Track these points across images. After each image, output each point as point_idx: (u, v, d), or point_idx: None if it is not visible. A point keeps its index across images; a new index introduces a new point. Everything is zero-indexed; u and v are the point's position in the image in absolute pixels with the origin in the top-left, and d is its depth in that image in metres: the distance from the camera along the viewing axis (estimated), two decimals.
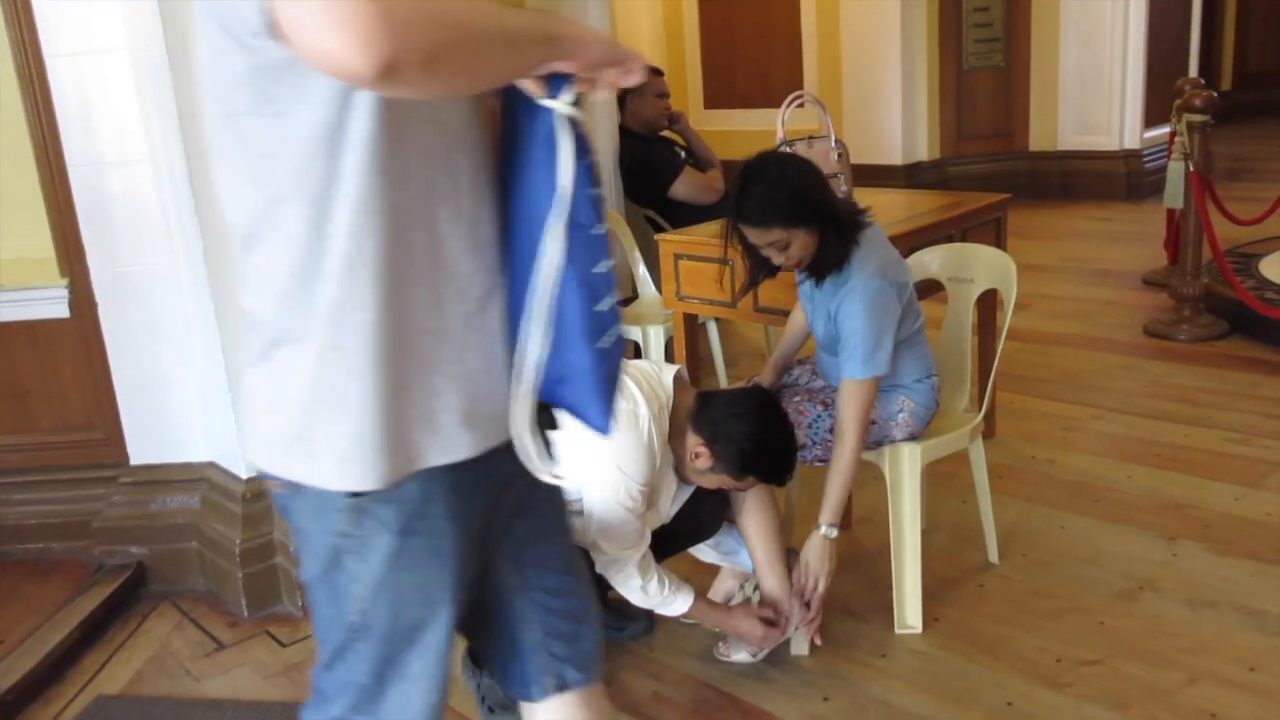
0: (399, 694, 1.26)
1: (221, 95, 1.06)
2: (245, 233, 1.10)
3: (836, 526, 2.37)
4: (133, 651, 2.67)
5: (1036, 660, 2.36)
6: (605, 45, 1.12)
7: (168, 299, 2.85)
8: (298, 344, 1.10)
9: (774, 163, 2.28)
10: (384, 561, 1.18)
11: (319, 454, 1.12)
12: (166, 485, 2.97)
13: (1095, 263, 5.75)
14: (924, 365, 2.49)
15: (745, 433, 2.14)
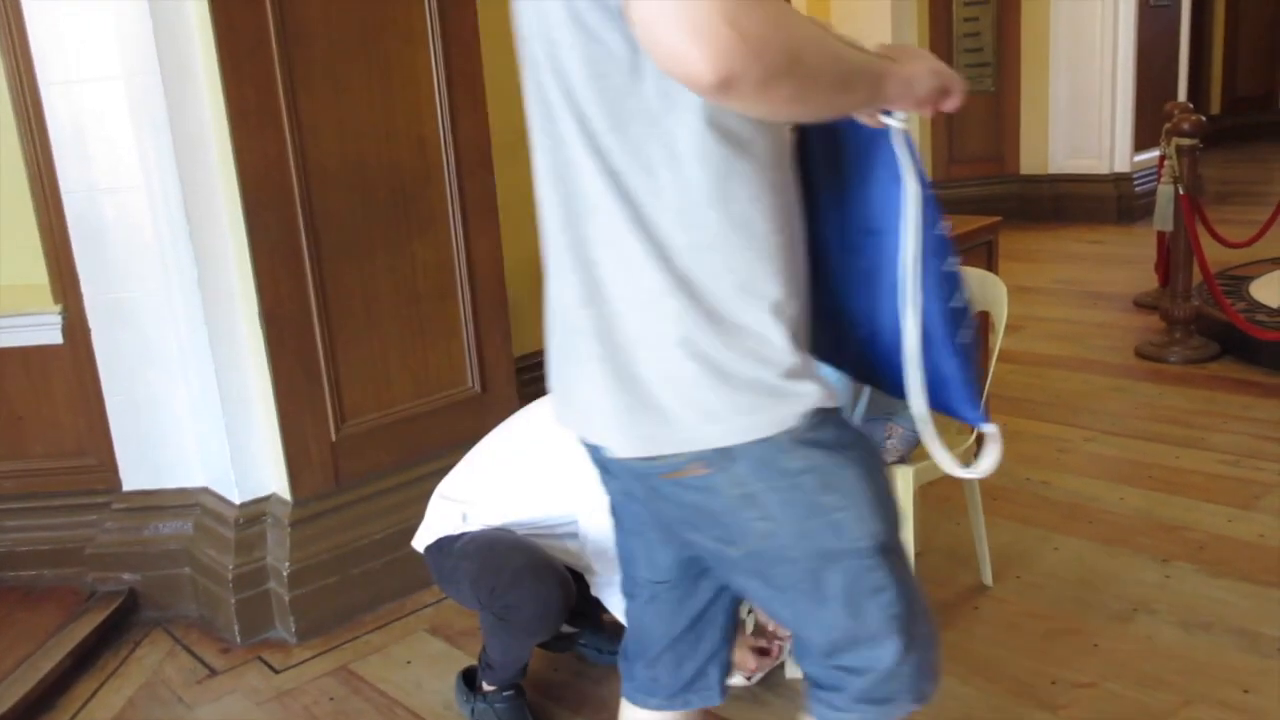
0: (920, 605, 1.28)
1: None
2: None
3: None
4: (124, 679, 2.66)
5: (1031, 683, 2.37)
6: (930, 80, 1.17)
7: (161, 325, 2.87)
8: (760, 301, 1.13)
9: None
10: (857, 476, 1.21)
11: (789, 395, 1.14)
12: (160, 511, 2.97)
13: (1087, 285, 5.79)
14: None
15: None
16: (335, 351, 2.81)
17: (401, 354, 2.95)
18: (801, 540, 1.21)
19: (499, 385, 3.17)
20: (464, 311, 3.07)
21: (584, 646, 2.59)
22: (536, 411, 2.36)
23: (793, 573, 1.24)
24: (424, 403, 3.02)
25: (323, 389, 2.80)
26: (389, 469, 2.96)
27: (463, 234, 3.02)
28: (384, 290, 2.89)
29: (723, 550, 1.26)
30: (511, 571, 2.13)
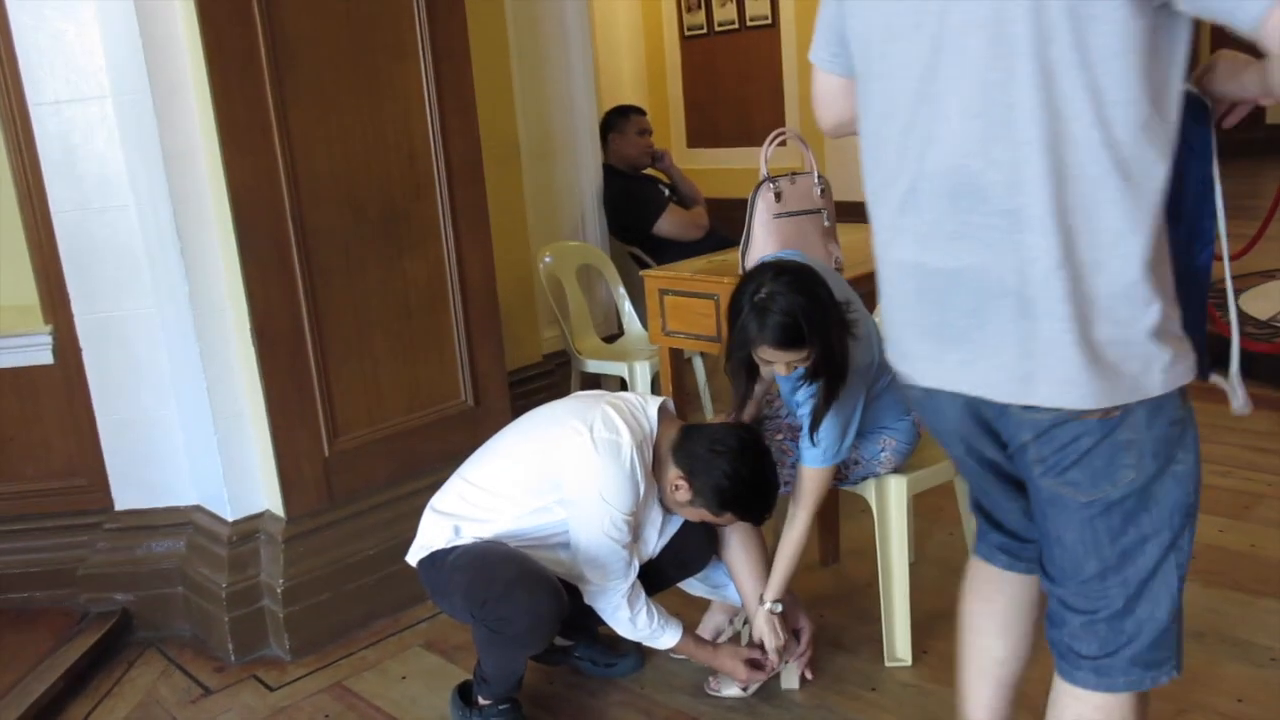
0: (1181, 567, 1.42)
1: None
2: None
3: (781, 601, 2.39)
4: (119, 700, 2.66)
5: (1028, 692, 2.34)
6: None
7: (153, 343, 2.87)
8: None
9: (793, 283, 2.12)
10: (1194, 441, 1.39)
11: (1189, 349, 1.32)
12: (152, 530, 2.97)
13: None
14: (902, 405, 2.50)
15: (724, 470, 2.16)
16: (327, 367, 2.81)
17: (394, 368, 2.96)
18: (1150, 487, 1.36)
19: (492, 398, 3.18)
20: (456, 324, 3.08)
21: (579, 659, 2.59)
22: (526, 424, 2.36)
23: (1124, 520, 1.37)
24: (417, 417, 3.03)
25: (315, 405, 2.80)
26: (382, 484, 2.97)
27: (454, 247, 3.04)
28: (376, 304, 2.90)
29: (1073, 494, 1.38)
30: (503, 583, 2.14)
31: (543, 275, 3.99)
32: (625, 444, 2.15)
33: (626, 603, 2.27)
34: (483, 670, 2.29)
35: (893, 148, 1.37)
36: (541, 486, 2.21)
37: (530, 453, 2.26)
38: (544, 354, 4.24)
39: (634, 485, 2.15)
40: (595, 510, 2.15)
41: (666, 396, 2.42)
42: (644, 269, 3.34)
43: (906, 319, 1.44)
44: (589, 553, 2.20)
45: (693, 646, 2.40)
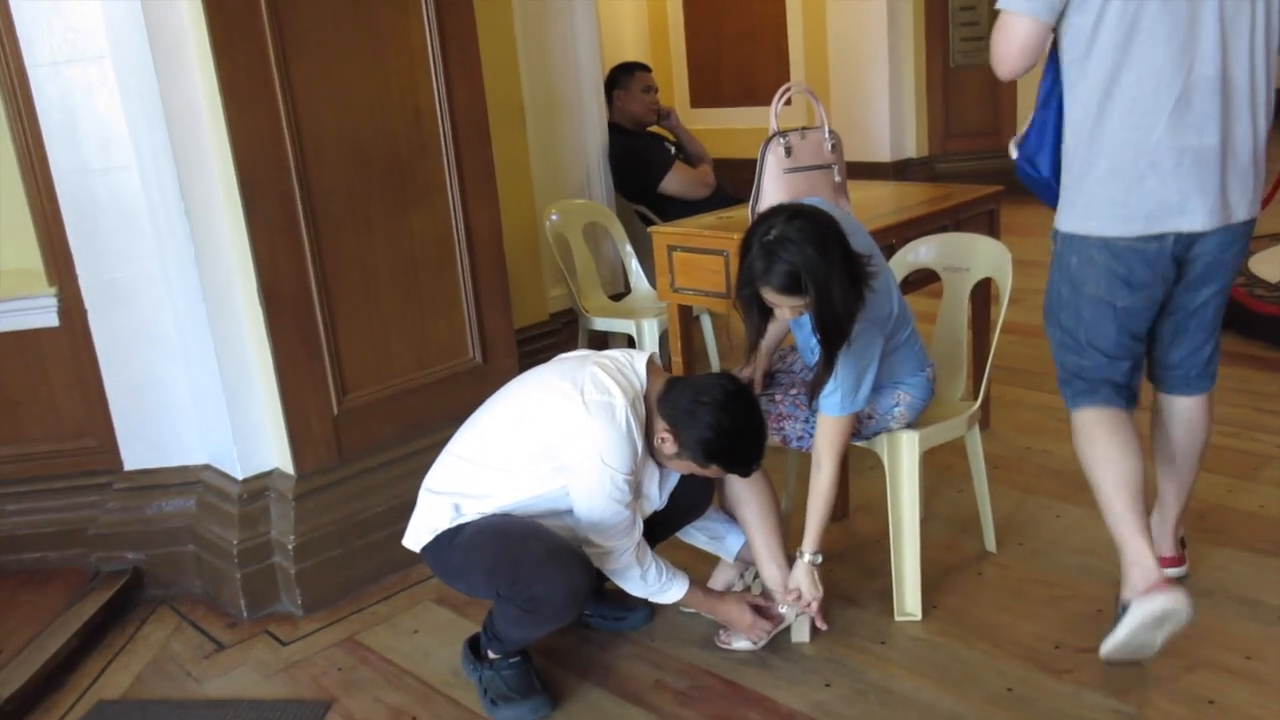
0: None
1: None
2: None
3: (820, 553, 2.41)
4: (132, 656, 2.68)
5: (1035, 647, 2.39)
6: None
7: (159, 304, 2.87)
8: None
9: (805, 230, 2.13)
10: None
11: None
12: (162, 490, 2.98)
13: None
14: (918, 360, 2.51)
15: (707, 421, 2.14)
16: (335, 325, 2.81)
17: (401, 326, 2.96)
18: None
19: (500, 356, 3.18)
20: (463, 282, 3.07)
21: (589, 616, 2.60)
22: (513, 392, 2.33)
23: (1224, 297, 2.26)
24: (425, 375, 3.03)
25: (323, 363, 2.80)
26: (391, 441, 2.98)
27: (461, 205, 3.02)
28: (383, 262, 2.89)
29: (1214, 290, 2.24)
30: (532, 561, 2.12)
31: (549, 233, 3.98)
32: (619, 404, 2.14)
33: (635, 561, 2.28)
34: (496, 629, 2.29)
35: (1168, 65, 1.99)
36: (537, 456, 2.20)
37: (521, 423, 2.23)
38: (551, 312, 4.23)
39: (631, 444, 2.15)
40: (597, 474, 2.14)
41: (653, 350, 2.41)
42: (651, 226, 3.33)
43: (1174, 186, 2.05)
44: (594, 517, 2.19)
45: (700, 597, 2.41)
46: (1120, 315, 2.20)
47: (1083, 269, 2.18)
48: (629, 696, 2.35)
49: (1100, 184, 2.09)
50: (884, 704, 2.24)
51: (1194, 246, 2.12)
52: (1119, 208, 2.08)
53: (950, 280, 2.88)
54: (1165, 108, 2.00)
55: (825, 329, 2.20)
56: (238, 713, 2.40)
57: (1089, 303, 2.20)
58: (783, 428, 2.54)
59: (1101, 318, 2.21)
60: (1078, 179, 2.13)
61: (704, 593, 2.44)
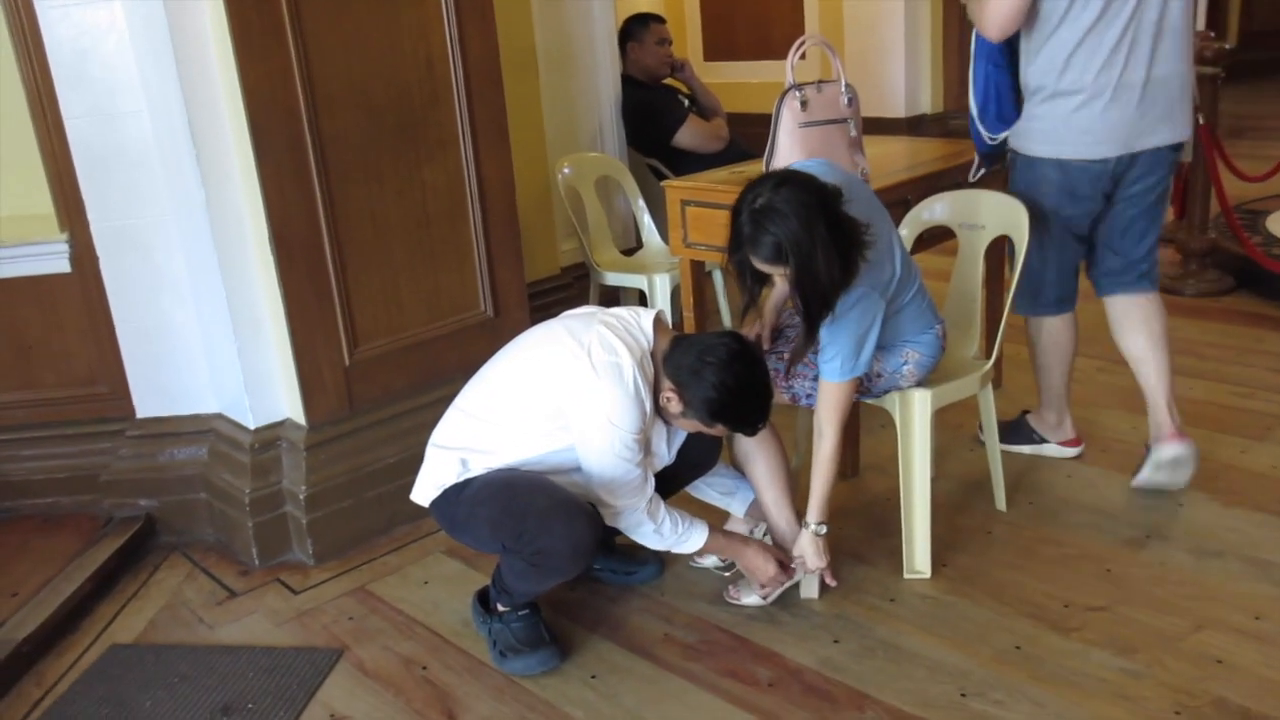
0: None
1: None
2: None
3: (825, 523, 2.40)
4: (145, 601, 2.70)
5: (1044, 605, 2.39)
6: None
7: (170, 250, 2.86)
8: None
9: (791, 200, 2.11)
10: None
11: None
12: (174, 437, 2.99)
13: None
14: (926, 318, 2.49)
15: (712, 380, 2.13)
16: (346, 275, 2.80)
17: (413, 277, 2.95)
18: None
19: (511, 309, 3.17)
20: (475, 234, 3.05)
21: (599, 570, 2.61)
22: (519, 350, 2.31)
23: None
24: (436, 327, 3.02)
25: (335, 313, 2.80)
26: (402, 393, 2.98)
27: (473, 156, 2.99)
28: (394, 213, 2.87)
29: (1154, 196, 2.72)
30: (537, 514, 2.12)
31: (561, 187, 3.95)
32: (626, 364, 2.12)
33: (649, 517, 2.27)
34: (505, 582, 2.30)
35: (1128, 14, 2.48)
36: (544, 414, 2.19)
37: (528, 381, 2.22)
38: (562, 266, 4.22)
39: (639, 404, 2.13)
40: (604, 434, 2.13)
41: (660, 309, 2.38)
42: (664, 180, 3.29)
43: (1130, 115, 2.55)
44: (604, 476, 2.18)
45: (722, 541, 2.40)
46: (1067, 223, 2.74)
47: (1036, 187, 2.70)
48: (638, 649, 2.36)
49: (1072, 115, 2.58)
50: (892, 660, 2.25)
51: (1136, 162, 2.63)
52: (1086, 135, 2.58)
53: (965, 237, 2.86)
54: (1124, 49, 2.50)
55: (806, 300, 2.18)
56: (250, 659, 2.42)
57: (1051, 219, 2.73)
58: (791, 385, 2.53)
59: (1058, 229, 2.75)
60: (1050, 112, 2.61)
61: (726, 537, 2.42)
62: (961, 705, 2.10)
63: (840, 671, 2.23)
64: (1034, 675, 2.17)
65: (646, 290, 3.78)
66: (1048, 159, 2.67)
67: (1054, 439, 3.07)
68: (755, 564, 2.41)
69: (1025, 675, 2.17)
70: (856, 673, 2.22)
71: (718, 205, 2.87)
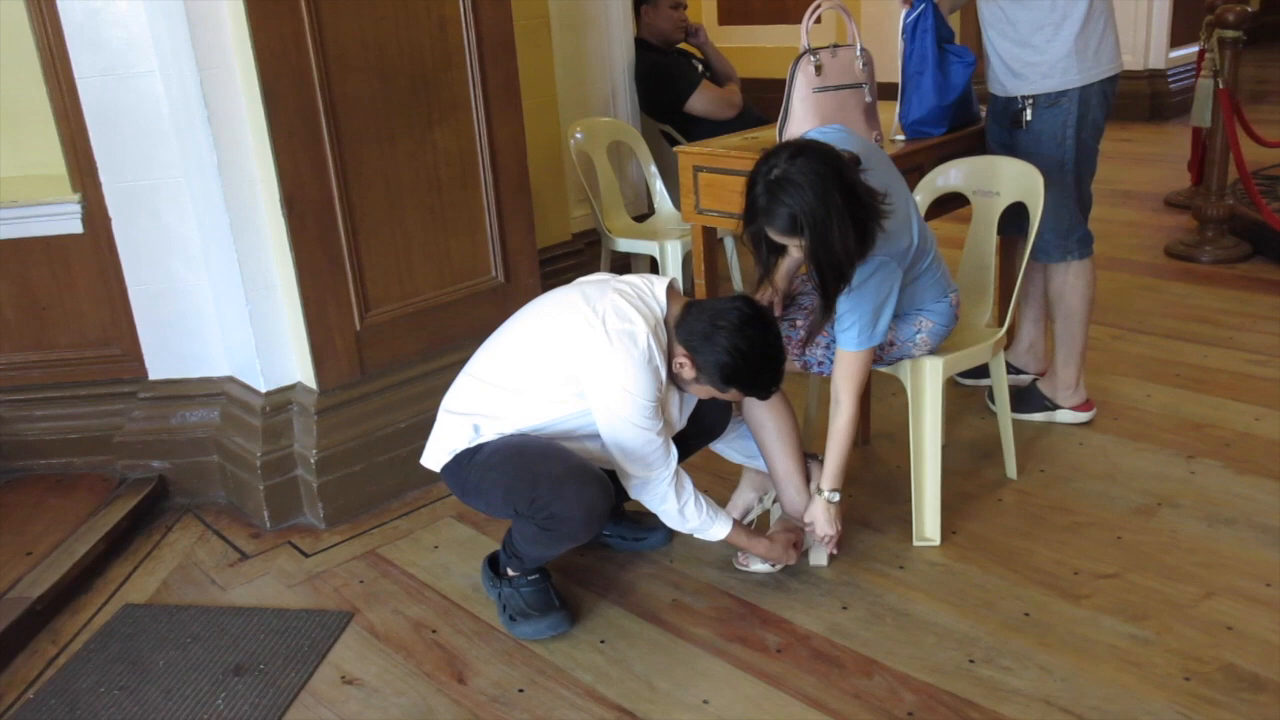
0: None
1: None
2: None
3: (839, 491, 2.39)
4: (158, 562, 2.72)
5: (1054, 573, 2.38)
6: None
7: (182, 212, 2.84)
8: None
9: (806, 170, 2.08)
10: None
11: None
12: (186, 400, 2.99)
13: (1117, 184, 5.68)
14: (941, 287, 2.47)
15: (725, 345, 2.11)
16: (358, 239, 2.78)
17: (424, 242, 2.93)
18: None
19: (522, 275, 3.15)
20: (487, 200, 3.03)
21: (607, 536, 2.61)
22: (532, 317, 2.29)
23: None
24: (447, 292, 3.01)
25: (346, 277, 2.78)
26: (413, 358, 2.97)
27: (485, 120, 2.97)
28: (405, 177, 2.85)
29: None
30: (551, 480, 2.11)
31: (573, 152, 3.92)
32: (640, 332, 2.10)
33: (674, 492, 2.25)
34: (515, 547, 2.29)
35: None
36: (557, 382, 2.18)
37: (541, 348, 2.20)
38: (574, 232, 4.19)
39: (655, 373, 2.12)
40: (621, 404, 2.12)
41: (674, 276, 2.37)
42: (677, 146, 3.26)
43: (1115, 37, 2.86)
44: (623, 446, 2.17)
45: (745, 538, 2.40)
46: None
47: (1081, 117, 2.81)
48: (647, 615, 2.36)
49: (1097, 40, 2.79)
50: (901, 627, 2.25)
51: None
52: (1111, 51, 2.83)
53: (979, 204, 2.83)
54: None
55: (822, 273, 2.16)
56: (262, 620, 2.43)
57: (1087, 148, 2.87)
58: (803, 353, 2.51)
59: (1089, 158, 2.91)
60: (1081, 44, 2.77)
61: (748, 534, 2.42)
62: (970, 671, 2.10)
63: (849, 638, 2.23)
64: (1043, 642, 2.16)
65: (658, 257, 3.76)
66: (1092, 83, 2.78)
67: (1067, 402, 3.06)
68: (773, 551, 2.43)
69: (1034, 642, 2.16)
70: (865, 639, 2.22)
71: (731, 171, 2.84)
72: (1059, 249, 2.90)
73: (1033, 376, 3.21)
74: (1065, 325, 2.99)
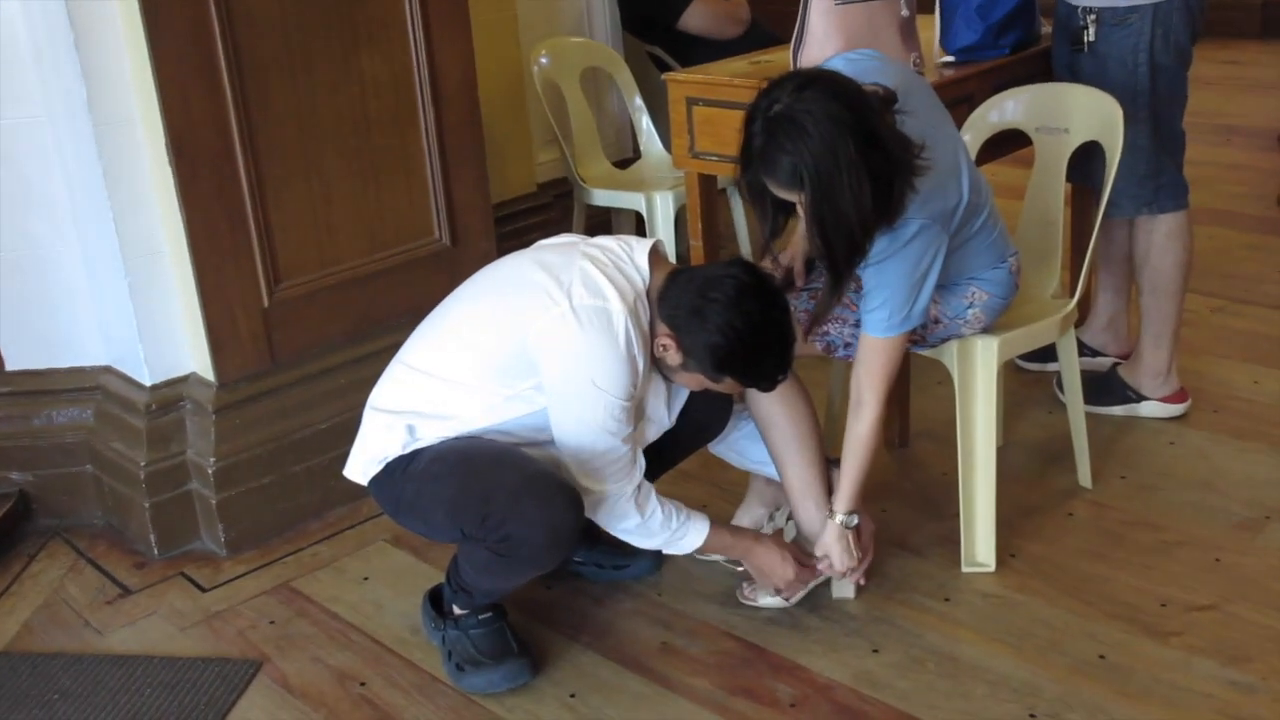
0: None
1: None
2: None
3: (857, 513, 2.39)
4: (18, 599, 2.71)
5: (1136, 604, 2.39)
6: None
7: (45, 163, 2.84)
8: None
9: (814, 108, 2.05)
10: None
11: None
12: (52, 396, 2.99)
13: (1220, 117, 5.70)
14: (997, 250, 2.47)
15: (716, 321, 2.09)
16: (265, 193, 2.78)
17: (350, 197, 2.94)
18: None
19: (473, 237, 3.16)
20: (428, 142, 3.04)
21: (580, 565, 2.62)
22: (482, 290, 2.29)
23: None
24: (379, 259, 3.02)
25: (250, 241, 2.78)
26: (337, 342, 2.98)
27: (424, 42, 2.97)
28: (326, 115, 2.85)
29: None
30: (506, 493, 2.10)
31: (537, 81, 3.93)
32: (616, 310, 2.09)
33: (635, 508, 2.25)
34: (463, 578, 2.30)
35: None
36: (512, 372, 2.17)
37: (492, 330, 2.19)
38: (539, 183, 4.22)
39: (631, 362, 2.11)
40: (586, 400, 2.11)
41: (657, 238, 2.34)
42: (666, 73, 3.26)
43: None
44: (582, 452, 2.17)
45: (727, 538, 2.39)
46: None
47: (1157, 38, 2.82)
48: (629, 662, 2.37)
49: None
50: (945, 674, 2.25)
51: None
52: None
53: (1044, 145, 2.84)
54: None
55: (826, 241, 2.12)
56: (147, 671, 2.42)
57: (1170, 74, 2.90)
58: (826, 331, 2.51)
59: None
60: None
61: (731, 534, 2.42)
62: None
63: (880, 688, 2.23)
64: (1122, 690, 2.17)
65: (645, 212, 3.78)
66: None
67: (1155, 394, 3.07)
68: (768, 565, 2.41)
69: (1111, 690, 2.17)
70: (901, 690, 2.22)
71: (734, 105, 2.84)
72: (1136, 199, 2.91)
73: (1113, 360, 3.22)
74: (1153, 296, 2.99)
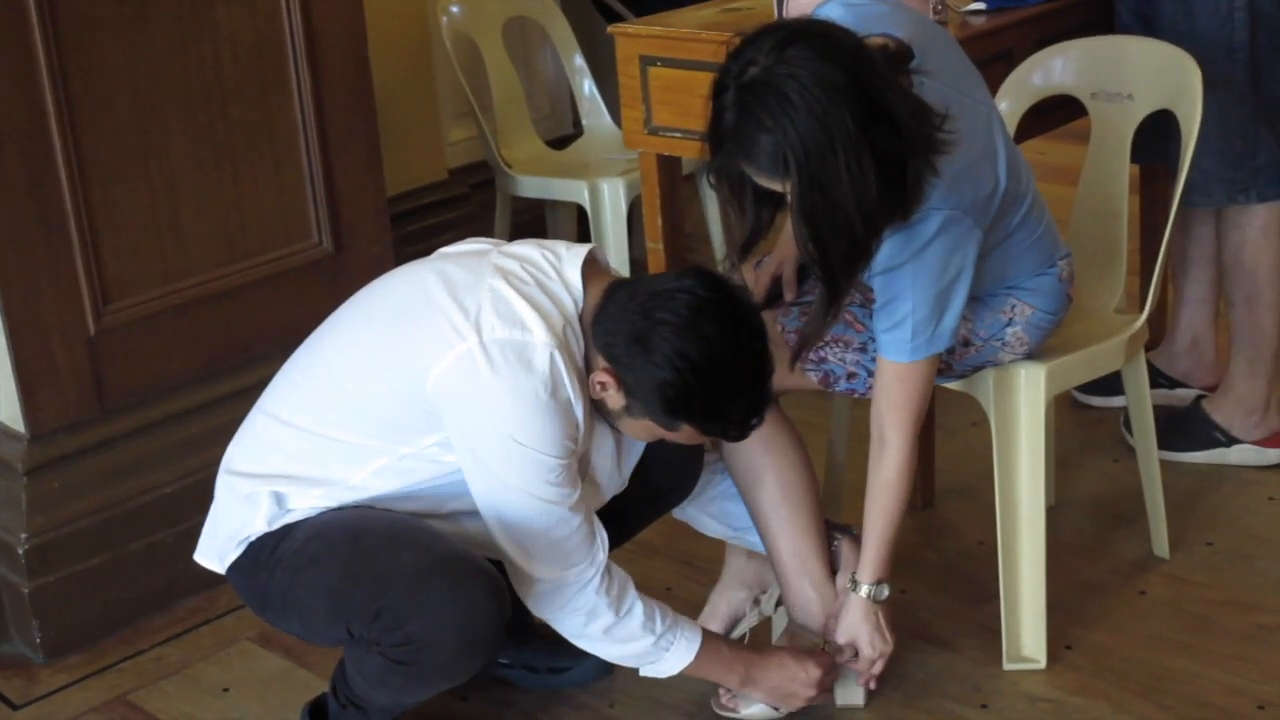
0: None
1: None
2: None
3: (887, 583, 2.41)
4: None
5: (1227, 707, 2.42)
6: None
7: None
8: None
9: (799, 72, 2.04)
10: None
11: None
12: None
13: None
14: (1043, 251, 2.50)
15: (664, 351, 2.05)
16: (89, 186, 2.80)
17: (201, 189, 2.95)
18: None
19: (362, 240, 3.19)
20: (303, 117, 3.07)
21: (507, 668, 2.62)
22: (364, 315, 2.28)
23: None
24: (240, 271, 3.03)
25: (71, 248, 2.79)
26: (185, 380, 2.99)
27: None
28: (170, 83, 2.87)
29: None
30: (406, 580, 2.09)
31: (447, 37, 3.96)
32: (539, 343, 2.05)
33: (607, 602, 2.22)
34: (353, 690, 2.29)
35: None
36: (407, 425, 2.16)
37: (381, 370, 2.16)
38: (451, 168, 4.20)
39: (563, 410, 2.09)
40: (511, 462, 2.09)
41: (592, 244, 2.32)
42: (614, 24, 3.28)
43: None
44: (515, 533, 2.15)
45: (725, 654, 2.38)
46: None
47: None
48: None
49: None
50: None
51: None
52: None
53: (1102, 114, 2.87)
54: None
55: (819, 242, 2.11)
56: None
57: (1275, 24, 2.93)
58: (823, 358, 2.53)
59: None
60: None
61: (732, 650, 2.41)
62: None
63: None
64: None
65: (588, 206, 3.79)
66: None
67: (1249, 435, 3.09)
68: (785, 684, 2.39)
69: None
70: None
71: (702, 65, 2.87)
72: (1226, 185, 2.94)
73: (1196, 393, 3.26)
74: (1247, 308, 3.02)
